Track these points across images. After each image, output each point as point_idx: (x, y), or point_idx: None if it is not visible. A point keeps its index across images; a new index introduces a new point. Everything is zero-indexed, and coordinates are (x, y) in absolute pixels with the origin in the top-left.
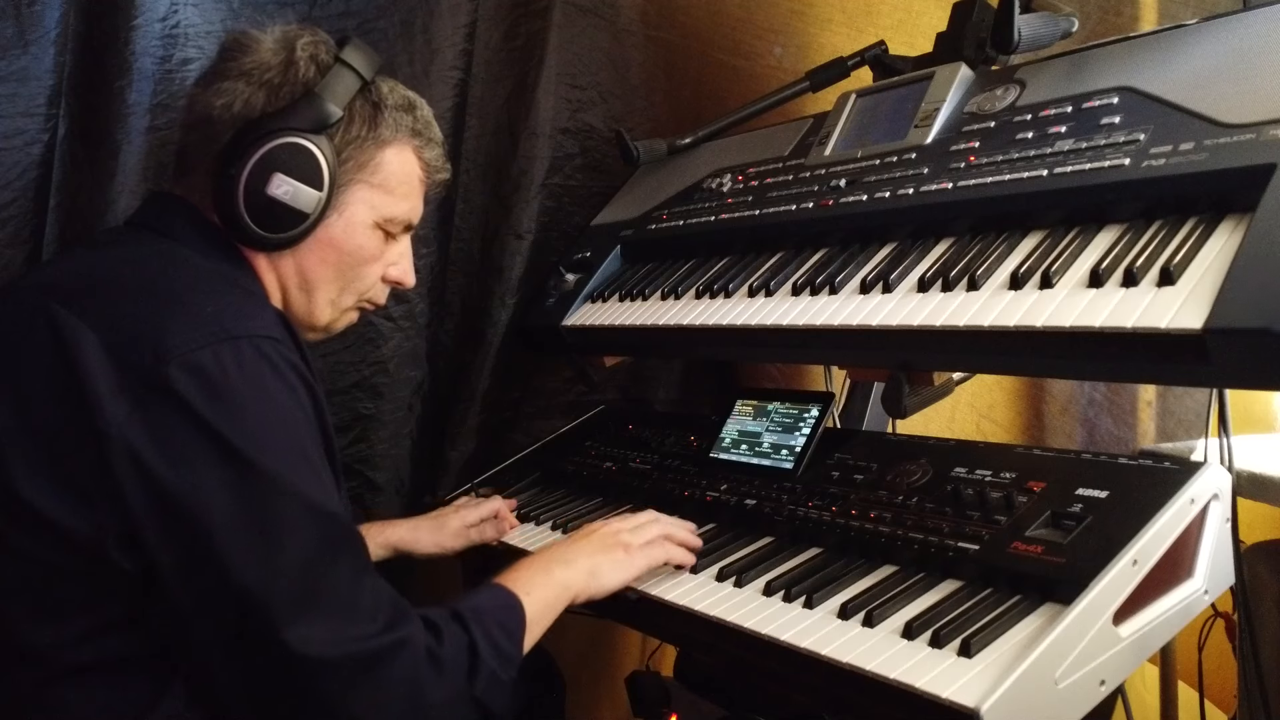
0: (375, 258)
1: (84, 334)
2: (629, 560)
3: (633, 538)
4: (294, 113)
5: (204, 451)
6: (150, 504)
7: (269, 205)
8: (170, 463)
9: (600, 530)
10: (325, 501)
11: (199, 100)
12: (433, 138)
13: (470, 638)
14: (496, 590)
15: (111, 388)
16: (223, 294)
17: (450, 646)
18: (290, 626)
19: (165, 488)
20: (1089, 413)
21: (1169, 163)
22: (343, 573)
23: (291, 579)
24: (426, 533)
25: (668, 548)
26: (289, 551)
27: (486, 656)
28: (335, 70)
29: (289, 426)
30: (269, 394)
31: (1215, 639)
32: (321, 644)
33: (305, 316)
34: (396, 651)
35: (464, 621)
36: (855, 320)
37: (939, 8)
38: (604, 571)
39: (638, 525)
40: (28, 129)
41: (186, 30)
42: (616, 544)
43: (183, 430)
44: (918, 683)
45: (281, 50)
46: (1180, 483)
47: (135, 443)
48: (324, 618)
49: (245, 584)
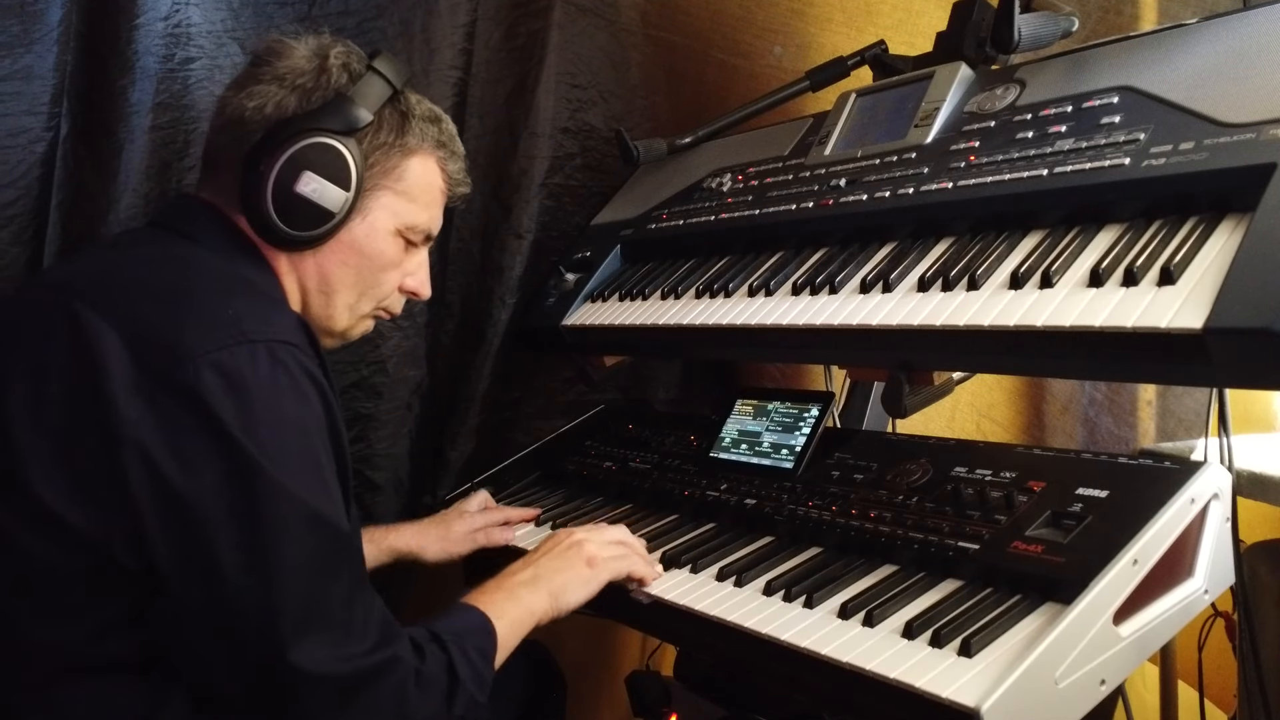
0: (395, 264)
1: (105, 332)
2: (593, 575)
3: (597, 550)
4: (325, 115)
5: (214, 455)
6: (157, 504)
7: (296, 202)
8: (179, 464)
9: (564, 543)
10: (331, 515)
11: (230, 102)
12: (456, 151)
13: (450, 659)
14: (470, 612)
15: (128, 387)
16: (243, 297)
17: (432, 667)
18: (288, 639)
19: (173, 489)
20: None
21: (1169, 162)
22: (341, 589)
23: (290, 591)
24: (433, 540)
25: (632, 559)
26: (290, 563)
27: (465, 679)
28: (367, 78)
29: (302, 435)
30: (284, 401)
31: (1215, 639)
32: (315, 660)
33: (323, 320)
34: (388, 670)
35: (443, 643)
36: (855, 320)
37: (939, 7)
38: (568, 591)
39: (604, 537)
40: (31, 127)
41: (188, 30)
42: (579, 557)
43: (195, 432)
44: (918, 682)
45: (315, 57)
46: (1180, 482)
47: (147, 443)
48: (320, 632)
49: (243, 592)
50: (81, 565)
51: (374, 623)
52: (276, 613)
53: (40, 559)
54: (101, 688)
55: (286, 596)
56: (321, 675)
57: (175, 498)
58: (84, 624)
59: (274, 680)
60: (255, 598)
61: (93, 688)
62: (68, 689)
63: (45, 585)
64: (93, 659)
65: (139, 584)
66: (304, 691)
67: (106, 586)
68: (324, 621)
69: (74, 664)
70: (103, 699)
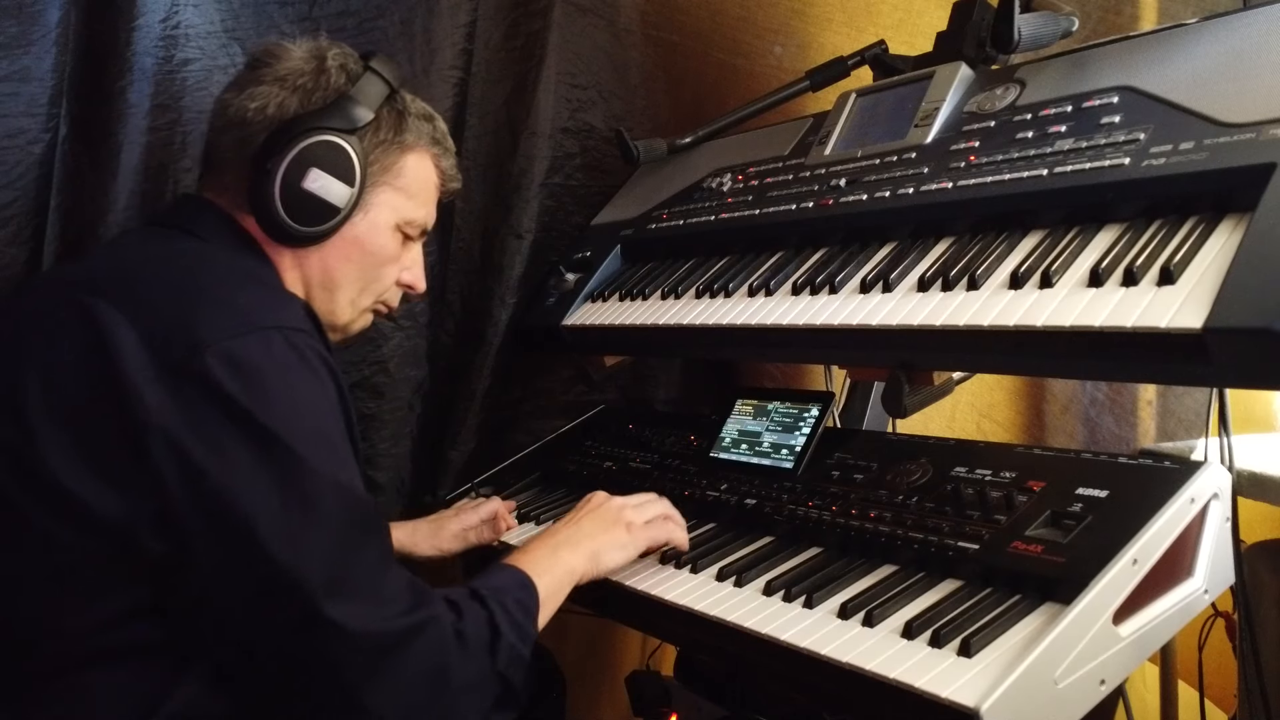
0: (394, 259)
1: (120, 324)
2: (631, 540)
3: (635, 515)
4: (328, 114)
5: (238, 436)
6: (188, 488)
7: (304, 199)
8: (207, 447)
9: (603, 506)
10: (353, 486)
11: (232, 104)
12: (449, 148)
13: (490, 614)
14: (510, 571)
15: (148, 376)
16: (252, 288)
17: (472, 623)
18: (328, 604)
19: (202, 472)
20: (1089, 412)
21: (1169, 162)
22: (370, 555)
23: (326, 558)
24: (424, 536)
25: (669, 527)
26: (323, 531)
27: (507, 632)
28: (366, 77)
29: (318, 414)
30: (298, 382)
31: (1215, 638)
32: (358, 620)
33: (327, 316)
34: (424, 629)
35: (483, 599)
36: (855, 320)
37: (939, 7)
38: (606, 553)
39: (641, 503)
40: (29, 128)
41: (187, 30)
42: (619, 522)
43: (217, 416)
44: (917, 682)
45: (313, 59)
46: (1180, 482)
47: (172, 429)
48: (357, 597)
49: (282, 564)
50: (103, 550)
51: (404, 588)
52: (312, 580)
53: (60, 545)
54: (119, 672)
55: (320, 564)
56: (360, 633)
57: (203, 479)
58: (104, 608)
59: (313, 643)
60: (291, 569)
61: (111, 672)
62: (89, 672)
63: (68, 573)
64: (111, 644)
65: (159, 568)
66: (343, 652)
67: (127, 571)
68: (357, 585)
69: (94, 647)
70: (120, 682)
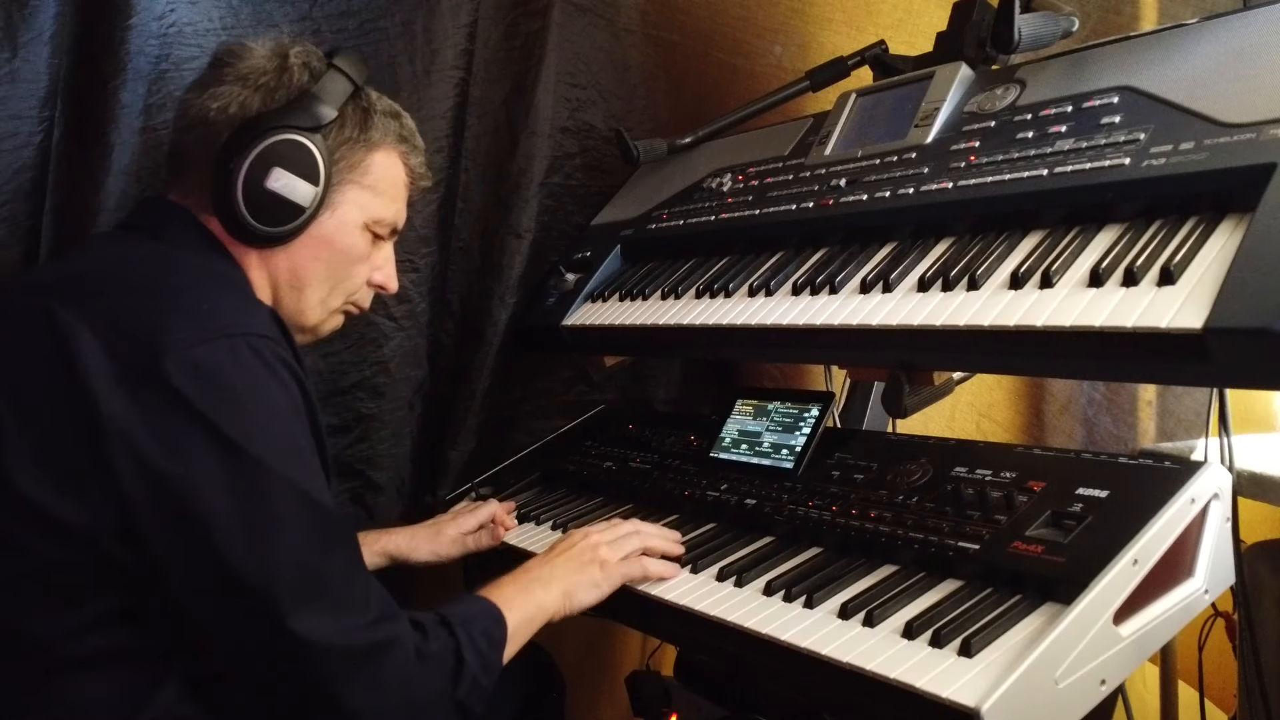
0: (364, 258)
1: (81, 330)
2: (605, 578)
3: (610, 553)
4: (291, 112)
5: (200, 443)
6: (148, 495)
7: (267, 198)
8: (167, 454)
9: (579, 545)
10: (318, 494)
11: (193, 105)
12: (417, 145)
13: (456, 642)
14: (481, 602)
15: (109, 382)
16: (218, 293)
17: (436, 647)
18: (291, 614)
19: (163, 479)
20: (1089, 412)
21: (1169, 162)
22: (336, 564)
23: (288, 567)
24: (423, 541)
25: (645, 564)
26: (285, 540)
27: (471, 662)
28: (329, 75)
29: (283, 421)
30: (263, 390)
31: (1215, 639)
32: (322, 631)
33: (295, 316)
34: (389, 645)
35: (450, 627)
36: (855, 320)
37: (939, 7)
38: (579, 592)
39: (618, 538)
40: (20, 131)
41: (183, 29)
42: (593, 561)
43: (179, 423)
44: (918, 682)
45: (275, 57)
46: (1180, 482)
47: (133, 435)
48: (321, 606)
49: (244, 571)
50: (72, 559)
51: (373, 599)
52: (274, 587)
53: (31, 554)
54: (99, 678)
55: (282, 570)
56: (323, 645)
57: (165, 486)
58: (77, 616)
59: (277, 653)
60: (253, 575)
61: (88, 679)
62: (65, 680)
63: (37, 580)
64: (89, 651)
65: (129, 575)
66: (307, 663)
67: (98, 579)
68: (321, 593)
69: (70, 656)
70: (98, 690)
